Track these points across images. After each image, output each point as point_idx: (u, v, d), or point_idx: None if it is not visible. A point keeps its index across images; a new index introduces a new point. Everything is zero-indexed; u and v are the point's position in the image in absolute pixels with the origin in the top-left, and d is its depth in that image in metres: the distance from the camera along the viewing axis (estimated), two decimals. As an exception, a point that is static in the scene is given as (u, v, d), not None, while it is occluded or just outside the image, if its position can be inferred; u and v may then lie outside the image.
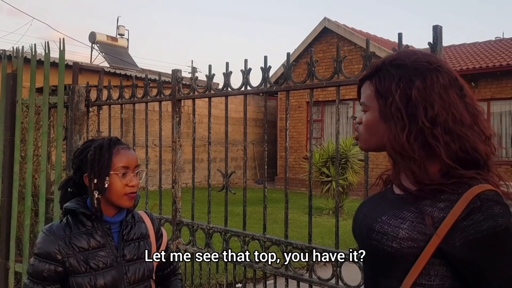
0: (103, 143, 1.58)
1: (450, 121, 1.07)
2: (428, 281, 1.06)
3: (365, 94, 1.19)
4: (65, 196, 1.65)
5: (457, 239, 1.01)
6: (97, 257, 1.55)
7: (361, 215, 1.25)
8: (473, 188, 1.02)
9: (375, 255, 1.13)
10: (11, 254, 3.75)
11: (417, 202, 1.08)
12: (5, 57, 3.95)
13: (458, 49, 15.29)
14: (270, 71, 2.53)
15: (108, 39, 17.83)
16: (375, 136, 1.17)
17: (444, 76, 1.11)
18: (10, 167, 3.78)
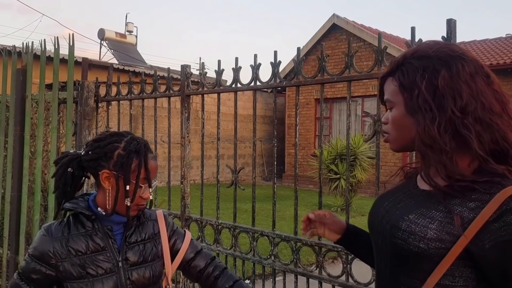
0: (139, 148, 1.46)
1: (479, 109, 1.04)
2: (452, 282, 1.03)
3: (389, 90, 1.16)
4: (64, 176, 1.50)
5: (486, 241, 0.98)
6: (95, 262, 1.44)
7: (382, 209, 1.20)
8: (507, 189, 0.98)
9: (399, 254, 1.09)
10: (21, 249, 3.77)
11: (446, 201, 1.04)
12: (15, 53, 3.96)
13: (468, 46, 15.13)
14: (280, 66, 2.51)
15: (117, 36, 17.89)
16: (404, 133, 1.13)
17: (469, 64, 1.07)
18: (20, 163, 3.80)
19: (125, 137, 1.49)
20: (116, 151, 1.44)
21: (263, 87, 2.63)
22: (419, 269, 1.05)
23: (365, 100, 13.05)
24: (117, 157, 1.44)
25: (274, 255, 2.52)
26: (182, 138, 3.01)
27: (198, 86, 2.96)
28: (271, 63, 2.50)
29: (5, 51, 4.08)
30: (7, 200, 3.93)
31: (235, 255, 2.72)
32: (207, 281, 1.66)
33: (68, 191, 1.51)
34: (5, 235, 3.96)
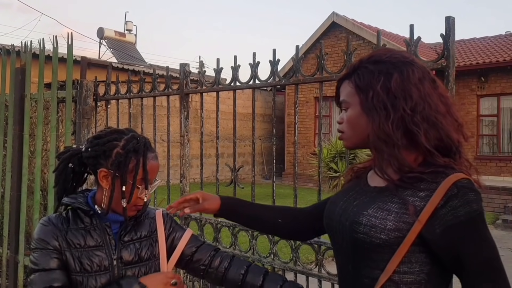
0: (138, 147, 1.42)
1: (427, 109, 1.16)
2: (409, 268, 1.13)
3: (345, 92, 1.27)
4: (64, 171, 1.48)
5: (437, 226, 1.09)
6: (91, 258, 1.41)
7: (338, 209, 1.28)
8: (450, 177, 1.10)
9: (361, 248, 1.17)
10: (21, 248, 3.77)
11: (399, 193, 1.15)
12: (14, 52, 3.95)
13: (468, 44, 15.14)
14: (278, 64, 2.51)
15: (116, 34, 17.88)
16: (358, 131, 1.24)
17: (418, 70, 1.20)
18: (19, 162, 3.80)
19: (126, 135, 1.45)
20: (115, 149, 1.41)
21: (262, 86, 2.62)
22: (380, 259, 1.14)
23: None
24: (115, 156, 1.40)
25: (274, 253, 2.53)
26: (182, 136, 3.01)
27: (197, 84, 2.96)
28: (270, 61, 2.50)
29: (4, 50, 4.08)
30: (7, 199, 3.92)
31: (234, 253, 2.72)
32: (216, 275, 1.56)
33: (69, 187, 1.50)
34: (5, 234, 3.96)
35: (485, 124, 13.43)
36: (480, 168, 11.22)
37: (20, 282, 3.78)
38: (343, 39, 13.63)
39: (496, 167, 12.78)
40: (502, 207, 10.21)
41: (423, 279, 1.13)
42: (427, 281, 1.14)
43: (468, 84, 13.12)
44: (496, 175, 12.57)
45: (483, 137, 13.37)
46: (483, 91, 13.04)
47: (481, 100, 13.27)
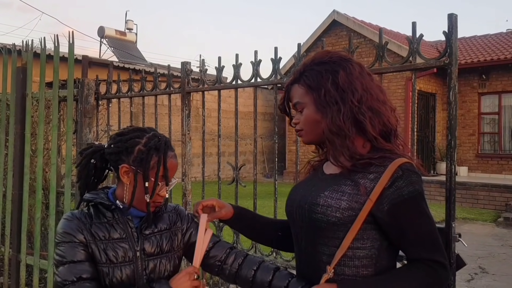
0: (159, 145, 1.46)
1: (370, 99, 1.31)
2: (362, 244, 1.28)
3: (298, 94, 1.39)
4: (87, 167, 1.53)
5: (385, 204, 1.24)
6: (116, 249, 1.45)
7: (298, 196, 1.42)
8: (396, 161, 1.26)
9: (318, 227, 1.31)
10: (23, 247, 3.78)
11: (351, 176, 1.30)
12: (15, 51, 3.95)
13: (469, 41, 15.11)
14: (280, 62, 2.50)
15: (116, 33, 17.86)
16: (314, 127, 1.37)
17: (356, 65, 1.36)
18: (21, 161, 3.80)
19: (147, 133, 1.50)
20: (137, 146, 1.46)
21: (263, 84, 2.62)
22: (336, 237, 1.28)
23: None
24: (137, 153, 1.45)
25: (276, 252, 2.52)
26: (183, 135, 3.00)
27: (198, 83, 2.95)
28: (272, 59, 2.49)
29: (5, 50, 4.08)
30: (9, 198, 3.93)
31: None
32: (230, 271, 1.57)
33: (90, 182, 1.54)
34: (7, 233, 3.96)
35: (486, 122, 13.41)
36: (482, 166, 11.21)
37: (22, 281, 3.79)
38: (344, 37, 13.61)
39: (498, 165, 12.76)
40: (504, 205, 10.20)
41: (374, 254, 1.29)
42: (377, 255, 1.29)
43: (469, 82, 13.10)
44: (498, 173, 12.56)
45: (484, 135, 13.36)
46: (484, 89, 13.02)
47: (482, 98, 13.25)
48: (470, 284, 5.45)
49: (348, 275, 1.28)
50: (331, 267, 1.27)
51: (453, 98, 1.79)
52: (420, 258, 1.26)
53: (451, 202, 1.77)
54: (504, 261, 6.50)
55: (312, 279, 1.33)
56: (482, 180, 11.26)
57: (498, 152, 13.02)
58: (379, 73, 2.04)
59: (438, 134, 13.57)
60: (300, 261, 1.43)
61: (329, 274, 1.27)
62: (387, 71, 2.02)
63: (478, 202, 10.73)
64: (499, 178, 11.98)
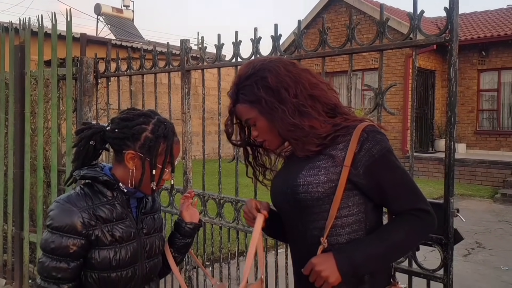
0: (167, 133, 1.48)
1: (303, 88, 1.37)
2: (349, 211, 1.35)
3: (244, 113, 1.45)
4: (86, 148, 1.49)
5: (360, 168, 1.32)
6: (121, 229, 1.47)
7: (279, 183, 1.48)
8: (359, 126, 1.34)
9: (304, 206, 1.37)
10: (25, 225, 3.82)
11: (323, 151, 1.37)
12: (12, 29, 3.92)
13: (469, 18, 14.96)
14: (280, 39, 2.49)
15: (113, 10, 17.64)
16: (272, 135, 1.43)
17: (278, 62, 1.41)
18: (21, 140, 3.81)
19: (153, 119, 1.49)
20: (144, 133, 1.46)
21: (263, 61, 2.61)
22: (323, 210, 1.35)
23: (365, 73, 12.97)
24: (144, 140, 1.45)
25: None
26: (183, 113, 3.00)
27: (197, 61, 2.94)
28: (272, 36, 2.48)
29: (2, 28, 4.04)
30: (10, 177, 3.95)
31: (237, 228, 2.75)
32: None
33: (87, 162, 1.53)
34: (9, 211, 4.00)
35: (485, 99, 13.39)
36: (480, 143, 11.22)
37: (26, 258, 3.84)
38: (344, 14, 13.47)
39: (496, 141, 12.80)
40: (501, 181, 10.29)
41: (361, 218, 1.37)
42: (365, 218, 1.37)
43: (468, 59, 13.03)
44: (496, 150, 12.61)
45: (483, 112, 13.35)
46: (484, 65, 12.95)
47: (482, 75, 13.20)
48: (467, 258, 5.55)
49: (342, 243, 1.35)
50: (324, 238, 1.34)
51: (454, 74, 1.79)
52: (403, 210, 1.34)
53: (449, 178, 1.79)
54: (501, 236, 6.60)
55: (308, 255, 1.36)
56: (480, 157, 11.32)
57: (497, 129, 13.04)
58: (380, 50, 2.03)
59: (437, 111, 13.55)
60: (293, 241, 1.49)
61: (323, 245, 1.33)
62: (388, 48, 2.02)
63: (476, 178, 10.81)
64: (497, 155, 12.03)
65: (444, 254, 1.78)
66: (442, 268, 1.81)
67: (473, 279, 4.85)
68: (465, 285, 4.59)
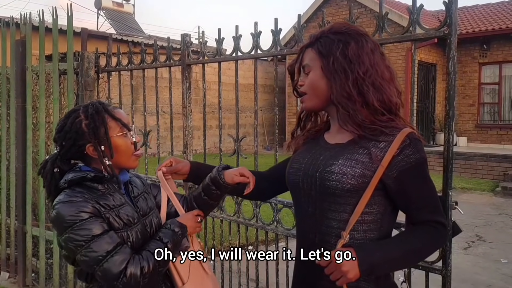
0: (97, 108, 1.52)
1: (374, 75, 1.38)
2: (370, 209, 1.36)
3: (308, 57, 1.45)
4: (53, 178, 1.52)
5: (394, 171, 1.33)
6: (126, 213, 1.51)
7: (304, 165, 1.48)
8: (404, 130, 1.34)
9: (331, 194, 1.37)
10: (28, 219, 3.85)
11: (363, 145, 1.36)
12: (14, 24, 3.93)
13: (470, 11, 14.91)
14: (280, 34, 2.49)
15: (114, 5, 17.61)
16: (318, 92, 1.42)
17: (370, 42, 1.42)
18: (23, 134, 3.83)
19: (80, 109, 1.54)
20: (82, 123, 1.50)
21: (264, 55, 2.62)
22: (348, 203, 1.36)
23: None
24: (87, 128, 1.49)
25: (277, 221, 2.58)
26: (184, 108, 3.02)
27: (198, 55, 2.95)
28: (272, 30, 2.49)
29: (3, 22, 4.05)
30: (12, 171, 3.98)
31: (238, 221, 2.78)
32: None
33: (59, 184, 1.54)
34: (12, 205, 4.03)
35: (486, 93, 13.37)
36: (481, 137, 11.22)
37: (29, 251, 3.87)
38: (345, 7, 13.43)
39: (497, 135, 12.80)
40: (502, 175, 10.29)
41: (379, 218, 1.38)
42: (381, 219, 1.39)
43: (470, 52, 13.00)
44: (497, 143, 12.61)
45: (484, 105, 13.34)
46: (485, 59, 12.92)
47: (483, 68, 13.18)
48: (467, 251, 5.57)
49: (357, 239, 1.37)
50: (346, 232, 1.35)
51: (452, 68, 1.80)
52: (424, 220, 1.37)
53: (448, 171, 1.80)
54: (501, 230, 6.62)
55: (319, 244, 1.41)
56: (481, 150, 11.32)
57: (498, 122, 13.04)
58: (379, 43, 2.04)
59: (438, 104, 13.55)
60: (305, 227, 1.48)
61: (344, 239, 1.35)
62: (387, 42, 2.02)
63: (477, 172, 10.82)
64: (498, 148, 12.03)
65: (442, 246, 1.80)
66: (441, 260, 1.82)
67: (473, 272, 4.88)
68: (465, 278, 4.61)
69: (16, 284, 3.98)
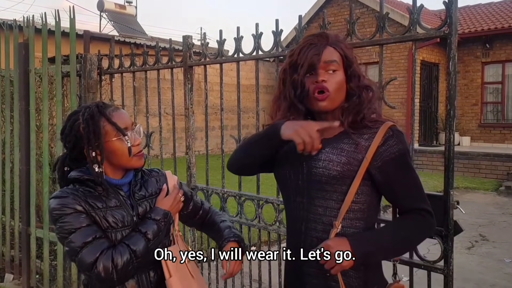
0: (92, 111, 1.51)
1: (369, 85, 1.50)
2: (357, 198, 1.42)
3: (335, 55, 1.46)
4: (64, 176, 1.59)
5: (378, 161, 1.40)
6: (115, 215, 1.52)
7: (289, 157, 1.51)
8: (386, 123, 1.43)
9: (317, 181, 1.42)
10: (32, 221, 3.87)
11: (349, 136, 1.44)
12: (17, 27, 3.95)
13: (473, 10, 14.87)
14: (281, 34, 2.50)
15: (116, 7, 17.64)
16: (340, 94, 1.45)
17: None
18: (27, 136, 3.85)
19: (80, 111, 1.54)
20: (80, 127, 1.50)
21: (265, 56, 2.63)
22: (334, 190, 1.42)
23: (368, 67, 12.94)
24: (83, 131, 1.49)
25: (279, 221, 2.59)
26: (186, 109, 3.03)
27: (200, 56, 2.96)
28: (273, 31, 2.50)
29: (6, 25, 4.07)
30: (16, 173, 4.00)
31: (241, 222, 2.78)
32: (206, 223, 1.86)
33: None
34: (16, 207, 4.05)
35: (489, 92, 13.33)
36: (484, 136, 11.17)
37: (33, 253, 3.89)
38: (346, 7, 13.41)
39: (500, 134, 12.76)
40: (505, 174, 10.26)
41: (365, 208, 1.44)
42: (368, 208, 1.45)
43: (472, 51, 12.97)
44: (500, 143, 12.58)
45: (487, 104, 13.30)
46: (488, 58, 12.89)
47: (486, 68, 13.14)
48: (470, 251, 5.56)
49: (344, 227, 1.41)
50: (338, 222, 1.40)
51: (453, 68, 1.80)
52: (411, 209, 1.43)
53: (449, 170, 1.81)
54: (505, 229, 6.60)
55: (305, 232, 1.47)
56: (484, 150, 11.29)
57: (501, 121, 12.99)
58: (380, 44, 2.05)
59: (441, 104, 13.51)
60: (293, 218, 1.52)
61: (337, 228, 1.39)
62: (387, 42, 2.03)
63: (480, 171, 10.79)
64: (502, 148, 12.00)
65: (444, 246, 1.80)
66: (443, 260, 1.83)
67: (477, 271, 4.86)
68: (469, 278, 4.60)
69: (20, 285, 3.99)
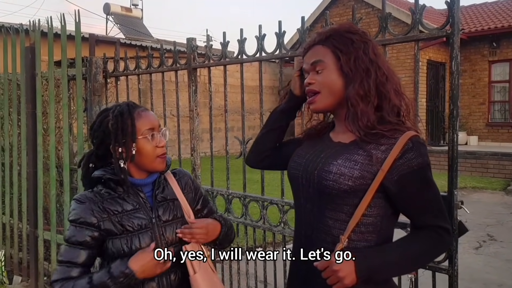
0: (122, 109, 1.53)
1: (392, 79, 1.37)
2: (369, 211, 1.33)
3: (320, 53, 1.38)
4: (88, 173, 1.61)
5: (394, 174, 1.29)
6: (131, 219, 1.52)
7: (305, 160, 1.45)
8: (406, 133, 1.30)
9: (328, 194, 1.34)
10: (39, 223, 3.90)
11: (364, 146, 1.33)
12: (23, 31, 3.99)
13: (479, 8, 14.79)
14: (285, 36, 2.51)
15: (122, 10, 17.76)
16: (334, 91, 1.37)
17: (377, 47, 1.42)
18: (34, 139, 3.88)
19: (111, 109, 1.56)
20: (109, 123, 1.52)
21: (268, 58, 2.64)
22: (345, 203, 1.33)
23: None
24: (112, 128, 1.51)
25: (284, 222, 2.59)
26: (191, 111, 3.04)
27: (204, 58, 2.98)
28: (276, 33, 2.50)
29: (13, 30, 4.11)
30: (24, 176, 4.03)
31: (246, 223, 2.79)
32: None
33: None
34: (24, 210, 4.08)
35: (496, 91, 13.25)
36: (492, 135, 11.09)
37: (41, 255, 3.92)
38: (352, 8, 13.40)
39: (508, 133, 12.68)
40: (514, 174, 10.20)
41: (378, 221, 1.35)
42: (381, 222, 1.35)
43: (479, 50, 12.90)
44: (508, 142, 12.49)
45: (495, 103, 13.22)
46: (495, 57, 12.81)
47: (493, 66, 13.06)
48: (478, 251, 5.53)
49: (354, 240, 1.33)
50: (345, 236, 1.31)
51: (456, 67, 1.80)
52: (427, 225, 1.34)
53: (453, 170, 1.80)
54: (513, 229, 6.56)
55: (315, 240, 1.40)
56: (492, 149, 11.22)
57: (509, 120, 12.90)
58: (383, 44, 2.05)
59: (448, 104, 13.43)
60: (302, 221, 1.46)
61: (343, 243, 1.31)
62: (390, 43, 2.03)
63: (488, 171, 10.72)
64: (509, 147, 11.91)
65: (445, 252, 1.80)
66: (447, 260, 1.82)
67: (484, 271, 4.84)
68: (476, 278, 4.58)
69: (28, 287, 4.03)
